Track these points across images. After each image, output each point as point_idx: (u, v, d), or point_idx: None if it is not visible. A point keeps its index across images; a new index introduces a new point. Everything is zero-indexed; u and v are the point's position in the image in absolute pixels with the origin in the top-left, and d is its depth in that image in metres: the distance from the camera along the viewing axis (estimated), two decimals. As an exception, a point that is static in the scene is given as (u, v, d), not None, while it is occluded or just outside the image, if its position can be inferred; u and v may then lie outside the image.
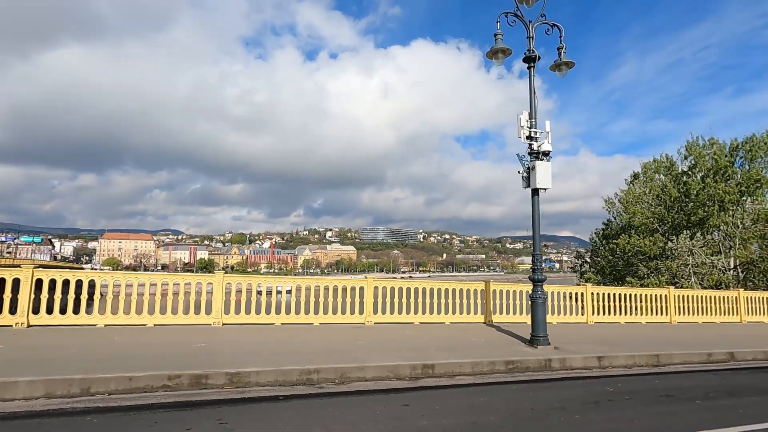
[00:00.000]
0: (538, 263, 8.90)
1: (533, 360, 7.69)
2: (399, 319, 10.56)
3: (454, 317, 11.05)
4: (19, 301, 7.86)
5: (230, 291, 9.21)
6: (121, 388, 5.46)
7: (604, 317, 12.83)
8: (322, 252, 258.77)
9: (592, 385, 7.00)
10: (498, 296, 11.51)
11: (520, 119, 9.06)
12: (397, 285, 10.71)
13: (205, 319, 9.02)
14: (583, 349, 8.66)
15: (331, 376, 6.39)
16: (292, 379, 6.19)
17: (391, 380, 6.63)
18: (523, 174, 9.10)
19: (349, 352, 7.53)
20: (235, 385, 5.91)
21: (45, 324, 8.10)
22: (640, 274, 24.64)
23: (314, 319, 9.82)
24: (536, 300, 8.73)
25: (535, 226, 8.98)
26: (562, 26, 9.54)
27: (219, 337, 8.03)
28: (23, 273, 7.98)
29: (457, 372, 7.09)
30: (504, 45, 9.15)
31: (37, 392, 5.17)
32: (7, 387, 5.09)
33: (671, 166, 29.59)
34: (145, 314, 8.66)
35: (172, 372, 5.73)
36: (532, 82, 9.24)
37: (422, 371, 6.88)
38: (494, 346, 8.72)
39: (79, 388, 5.32)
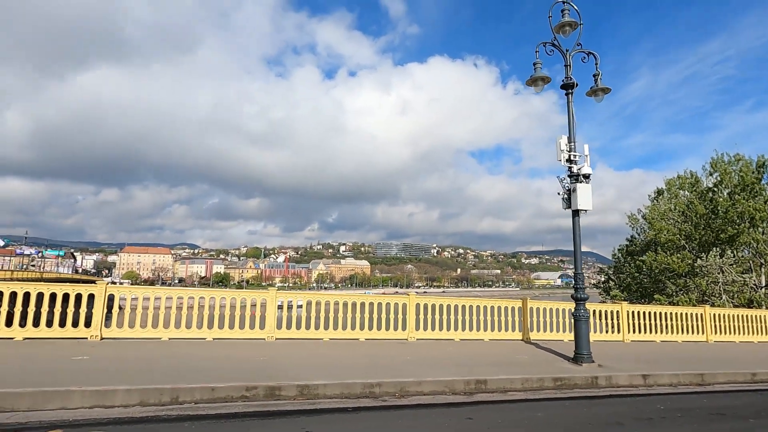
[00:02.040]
0: (580, 282, 9.17)
1: (580, 377, 7.92)
2: (440, 336, 10.87)
3: (492, 334, 11.30)
4: (93, 315, 8.45)
5: (284, 307, 9.69)
6: (205, 397, 5.92)
7: (639, 335, 12.90)
8: (336, 266, 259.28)
9: (642, 402, 7.19)
10: (535, 314, 11.73)
11: (560, 143, 9.45)
12: (438, 302, 11.05)
13: (258, 333, 9.48)
14: (627, 367, 8.83)
15: (391, 390, 6.74)
16: (355, 392, 6.57)
17: (447, 395, 6.95)
18: (563, 195, 9.44)
19: (401, 367, 7.88)
20: (305, 397, 6.32)
21: (116, 337, 8.66)
22: (669, 292, 24.38)
23: (360, 334, 10.20)
24: (579, 318, 8.96)
25: (577, 246, 9.28)
26: (597, 54, 9.99)
27: (276, 352, 8.47)
28: (97, 289, 8.59)
29: (509, 387, 7.36)
30: (543, 73, 9.61)
31: (132, 400, 5.65)
32: (107, 395, 5.59)
33: (696, 182, 29.41)
34: (204, 329, 9.17)
35: (250, 383, 6.17)
36: (570, 108, 9.65)
37: (475, 386, 7.18)
38: (538, 363, 8.96)
39: (169, 397, 5.79)
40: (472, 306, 11.29)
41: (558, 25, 9.78)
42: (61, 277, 70.10)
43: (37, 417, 5.09)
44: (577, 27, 9.84)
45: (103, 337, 8.56)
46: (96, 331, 8.47)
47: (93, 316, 8.48)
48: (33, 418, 5.06)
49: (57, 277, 64.71)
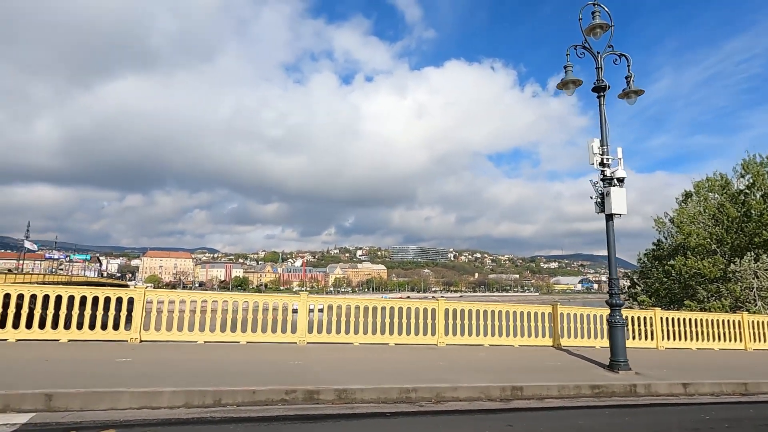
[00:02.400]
0: (615, 288, 9.00)
1: (618, 385, 7.75)
2: (469, 341, 10.79)
3: (522, 340, 11.16)
4: (133, 318, 8.71)
5: (314, 311, 9.79)
6: (246, 400, 6.02)
7: (674, 343, 12.54)
8: (353, 270, 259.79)
9: (685, 412, 6.99)
10: (565, 320, 11.55)
11: (592, 146, 9.32)
12: (467, 307, 10.98)
13: (291, 337, 9.60)
14: (665, 375, 8.61)
15: (427, 395, 6.73)
16: (392, 396, 6.58)
17: (483, 401, 6.90)
18: (596, 200, 9.30)
19: (434, 372, 7.86)
20: (343, 401, 6.36)
21: (154, 340, 8.89)
22: (700, 298, 23.62)
23: (389, 339, 10.22)
24: (615, 324, 8.79)
25: (611, 252, 9.11)
26: (629, 56, 9.84)
27: (309, 356, 8.56)
28: (137, 293, 8.85)
29: (545, 395, 7.26)
30: (574, 77, 9.52)
31: (178, 402, 5.79)
32: (154, 396, 5.74)
33: (726, 184, 28.50)
34: (238, 332, 9.33)
35: (289, 387, 6.25)
36: (602, 110, 9.52)
37: (511, 393, 7.11)
38: (573, 369, 8.81)
39: (212, 399, 5.91)
40: (501, 311, 11.18)
41: (589, 27, 9.68)
42: (90, 280, 72.20)
43: (90, 417, 5.27)
44: (608, 29, 9.72)
45: (143, 339, 8.80)
46: (136, 334, 8.71)
47: (132, 319, 8.73)
48: (86, 417, 5.24)
49: (86, 280, 66.67)
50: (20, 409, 5.27)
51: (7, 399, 5.28)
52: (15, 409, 5.26)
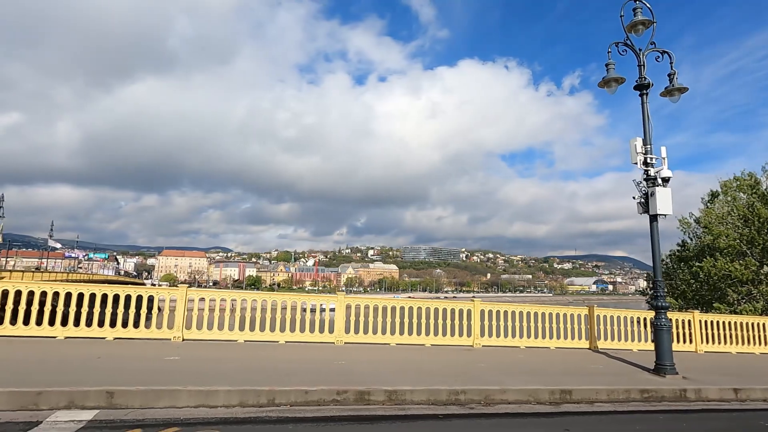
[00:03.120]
0: (660, 290, 8.81)
1: (668, 389, 7.58)
2: (505, 343, 10.68)
3: (558, 342, 11.01)
4: (175, 317, 8.81)
5: (351, 311, 9.79)
6: (299, 400, 6.03)
7: (713, 346, 12.24)
8: (364, 270, 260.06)
9: (741, 418, 6.80)
10: (602, 322, 11.36)
11: (635, 145, 9.14)
12: (503, 308, 10.87)
13: (328, 337, 9.62)
14: (714, 380, 8.40)
15: (476, 398, 6.66)
16: (441, 398, 6.53)
17: (532, 404, 6.80)
18: (639, 200, 9.11)
19: (478, 374, 7.79)
20: (393, 402, 6.33)
21: (195, 338, 8.99)
22: (730, 300, 23.03)
23: (425, 340, 10.17)
24: (661, 327, 8.60)
25: (656, 253, 8.93)
26: (672, 53, 9.62)
27: (350, 356, 8.55)
28: (179, 293, 8.96)
29: (594, 398, 7.14)
30: (616, 74, 9.34)
31: (233, 401, 5.83)
32: (210, 395, 5.79)
33: (756, 183, 27.76)
34: (277, 332, 9.38)
35: (340, 387, 6.24)
36: (645, 108, 9.32)
37: (560, 396, 7.00)
38: (617, 373, 8.65)
39: (266, 399, 5.93)
40: (537, 313, 11.05)
41: (630, 24, 9.50)
42: (110, 278, 73.66)
43: (151, 415, 5.33)
44: (651, 25, 9.53)
45: (185, 338, 8.90)
46: (178, 333, 8.82)
47: (175, 319, 8.84)
48: (148, 415, 5.30)
49: (105, 278, 68.08)
50: (84, 405, 5.35)
51: (71, 396, 5.38)
52: (79, 405, 5.35)
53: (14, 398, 5.19)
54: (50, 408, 5.24)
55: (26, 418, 4.96)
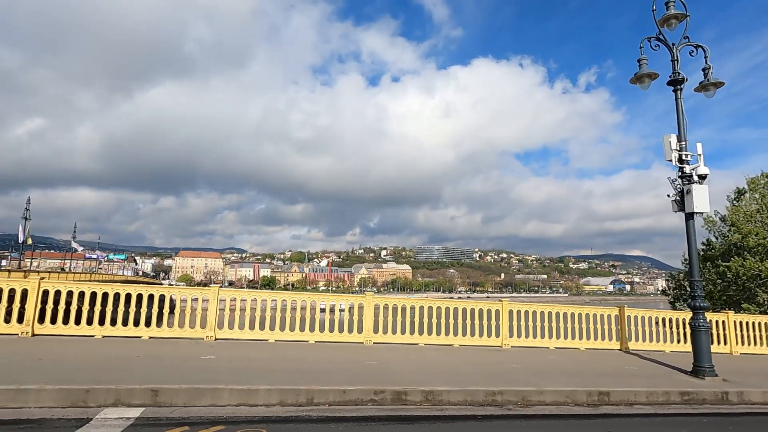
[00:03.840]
0: (698, 290, 8.60)
1: (708, 392, 7.39)
2: (534, 343, 10.56)
3: (588, 342, 10.83)
4: (207, 317, 8.94)
5: (379, 311, 9.80)
6: (337, 399, 6.05)
7: (749, 348, 11.90)
8: (377, 270, 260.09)
9: (790, 422, 6.60)
10: (632, 322, 11.14)
11: (670, 142, 8.94)
12: (531, 308, 10.75)
13: (357, 337, 9.64)
14: (755, 382, 8.16)
15: (513, 399, 6.60)
16: (478, 399, 6.48)
17: (569, 405, 6.71)
18: (675, 198, 8.92)
19: (512, 375, 7.72)
20: (430, 403, 6.30)
21: (227, 338, 9.10)
22: (759, 301, 22.38)
23: (453, 340, 10.12)
24: (699, 328, 8.40)
25: (692, 252, 8.72)
26: (707, 47, 9.39)
27: (381, 355, 8.55)
28: (211, 293, 9.08)
29: (633, 400, 7.00)
30: (649, 70, 9.16)
31: (273, 400, 5.87)
32: (250, 394, 5.84)
33: (785, 180, 26.93)
34: (306, 331, 9.44)
35: (377, 387, 6.24)
36: (679, 104, 9.11)
37: (598, 398, 6.89)
38: (653, 374, 8.47)
39: (305, 398, 5.96)
40: (566, 313, 10.89)
41: (663, 18, 9.29)
42: (130, 279, 75.19)
43: (195, 413, 5.40)
44: (684, 19, 9.31)
45: (217, 337, 9.01)
46: (211, 332, 8.94)
47: (207, 318, 8.96)
48: (192, 413, 5.37)
49: (126, 279, 69.56)
50: (130, 403, 5.46)
51: (118, 393, 5.48)
52: (125, 403, 5.45)
53: (64, 395, 5.32)
54: (98, 405, 5.35)
55: (77, 415, 5.08)
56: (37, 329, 8.35)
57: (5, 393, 5.17)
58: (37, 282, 8.35)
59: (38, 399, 5.23)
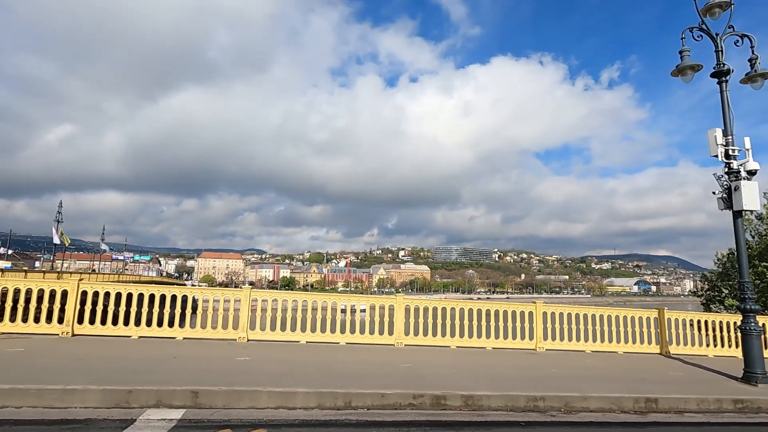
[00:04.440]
0: (748, 291, 8.17)
1: (764, 400, 6.98)
2: (569, 346, 10.24)
3: (625, 346, 10.45)
4: (240, 318, 8.97)
5: (410, 312, 9.67)
6: (375, 403, 5.94)
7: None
8: (396, 271, 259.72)
9: None
10: (673, 325, 10.69)
11: (715, 137, 8.53)
12: (565, 311, 10.44)
13: (387, 339, 9.53)
14: (813, 391, 7.67)
15: (556, 405, 6.36)
16: (519, 405, 6.27)
17: (615, 412, 6.43)
18: (722, 195, 8.49)
19: (551, 379, 7.47)
20: (470, 408, 6.13)
21: (259, 339, 9.12)
22: (802, 303, 21.29)
23: (486, 342, 9.90)
24: (750, 332, 7.97)
25: (741, 252, 8.29)
26: (753, 36, 8.92)
27: (414, 358, 8.41)
28: (243, 293, 9.12)
29: (682, 408, 6.67)
30: (692, 61, 8.76)
31: (311, 403, 5.80)
32: (288, 397, 5.79)
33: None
34: (337, 333, 9.39)
35: (416, 391, 6.11)
36: (725, 97, 8.69)
37: (645, 405, 6.58)
38: (700, 381, 8.08)
39: (342, 402, 5.88)
40: (603, 315, 10.53)
41: (706, 7, 8.88)
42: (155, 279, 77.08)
43: (236, 415, 5.38)
44: (728, 8, 8.87)
45: (249, 338, 9.04)
46: (243, 333, 8.97)
47: (240, 319, 9.00)
48: (232, 415, 5.35)
49: (151, 279, 71.34)
50: (171, 404, 5.47)
51: (159, 395, 5.51)
52: (166, 404, 5.46)
53: (108, 396, 5.37)
54: (140, 406, 5.38)
55: (121, 415, 5.11)
56: (77, 329, 8.53)
57: (53, 393, 5.26)
58: (76, 283, 8.53)
59: (83, 399, 5.30)
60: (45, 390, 5.27)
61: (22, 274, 22.13)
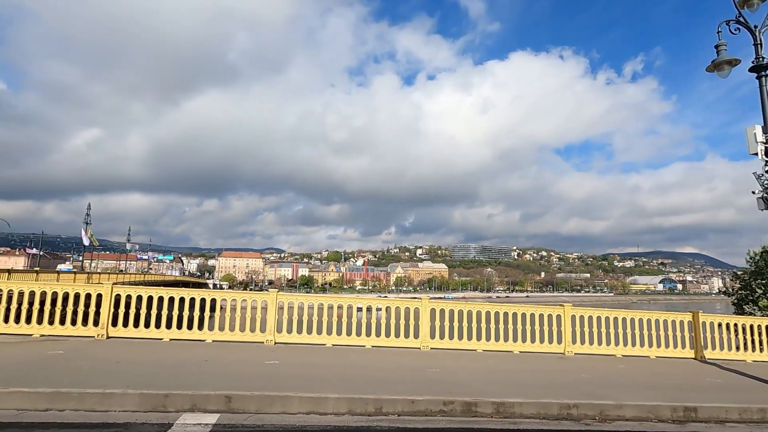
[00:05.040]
0: (792, 296, 7.80)
1: (811, 410, 6.66)
2: (599, 350, 10.01)
3: (658, 351, 10.15)
4: (267, 321, 9.08)
5: (435, 315, 9.61)
6: (406, 410, 5.91)
7: None
8: (413, 270, 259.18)
9: None
10: (708, 329, 10.33)
11: (755, 134, 8.18)
12: (595, 314, 10.20)
13: (413, 342, 9.50)
14: None
15: (590, 413, 6.22)
16: (552, 412, 6.15)
17: (652, 422, 6.24)
18: (762, 195, 8.15)
19: (583, 386, 7.31)
20: (501, 415, 6.04)
21: (286, 342, 9.21)
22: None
23: (512, 346, 9.76)
24: (794, 338, 7.61)
25: (784, 254, 7.91)
26: (794, 27, 8.51)
27: (442, 362, 8.36)
28: (270, 297, 9.22)
29: (724, 418, 6.43)
30: (729, 56, 8.43)
31: (342, 408, 5.81)
32: (319, 402, 5.81)
33: None
34: (363, 336, 9.41)
35: (446, 398, 6.05)
36: (765, 92, 8.32)
37: (684, 414, 6.37)
38: (739, 388, 7.78)
39: (373, 408, 5.87)
40: (634, 319, 10.24)
41: (743, -1, 8.52)
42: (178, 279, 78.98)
43: (269, 420, 5.42)
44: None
45: (276, 341, 9.14)
46: (270, 336, 9.07)
47: (267, 322, 9.11)
48: (266, 420, 5.39)
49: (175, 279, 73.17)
50: (206, 409, 5.55)
51: (194, 399, 5.60)
52: (201, 408, 5.55)
53: (145, 400, 5.49)
54: (176, 410, 5.48)
55: (158, 419, 5.21)
56: (111, 332, 8.77)
57: (93, 396, 5.40)
58: (110, 287, 8.78)
59: (122, 403, 5.43)
60: (86, 393, 5.42)
61: (55, 276, 22.97)
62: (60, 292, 8.96)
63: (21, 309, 8.52)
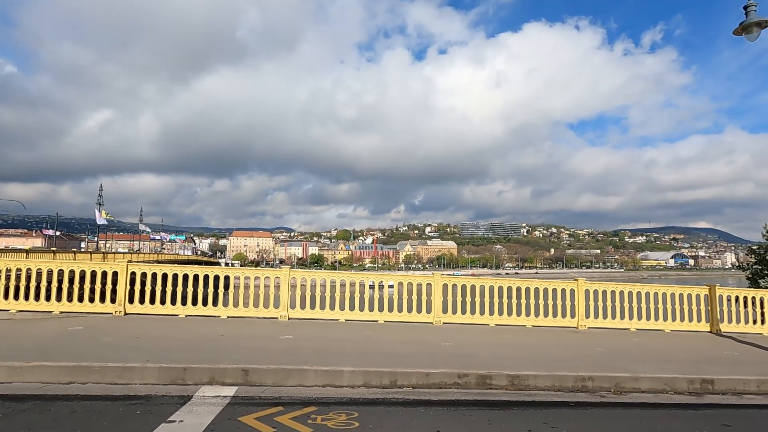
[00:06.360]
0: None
1: (831, 382, 6.57)
2: (612, 324, 9.96)
3: (673, 324, 10.06)
4: (280, 297, 9.16)
5: (447, 290, 9.60)
6: (420, 382, 5.95)
7: None
8: (422, 247, 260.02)
9: None
10: (725, 302, 10.20)
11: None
12: (609, 288, 10.10)
13: (426, 317, 9.54)
14: None
15: (605, 385, 6.20)
16: (567, 385, 6.15)
17: (668, 393, 6.22)
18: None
19: (598, 359, 7.31)
20: (516, 387, 6.06)
21: (299, 317, 9.31)
22: None
23: (526, 321, 9.75)
24: (817, 311, 7.46)
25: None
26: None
27: (453, 337, 8.39)
28: (283, 273, 9.28)
29: (741, 390, 6.38)
30: (760, 17, 7.96)
31: (357, 381, 5.87)
32: (335, 375, 5.87)
33: None
34: (375, 311, 9.46)
35: (461, 371, 6.07)
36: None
37: (701, 386, 6.33)
38: (757, 361, 7.71)
39: (388, 380, 5.91)
40: (649, 292, 10.14)
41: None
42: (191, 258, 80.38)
43: (285, 392, 5.49)
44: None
45: (290, 317, 9.24)
46: (284, 312, 9.17)
47: (280, 298, 9.19)
48: (282, 393, 5.47)
49: (188, 258, 74.48)
50: (223, 382, 5.64)
51: (212, 372, 5.69)
52: (219, 381, 5.64)
53: (165, 373, 5.59)
54: (195, 383, 5.58)
55: (178, 392, 5.31)
56: (128, 308, 8.93)
57: (114, 370, 5.51)
58: (125, 264, 8.89)
59: (142, 376, 5.54)
60: (107, 367, 5.54)
61: (71, 255, 23.43)
62: (77, 270, 9.10)
63: (40, 287, 8.69)
